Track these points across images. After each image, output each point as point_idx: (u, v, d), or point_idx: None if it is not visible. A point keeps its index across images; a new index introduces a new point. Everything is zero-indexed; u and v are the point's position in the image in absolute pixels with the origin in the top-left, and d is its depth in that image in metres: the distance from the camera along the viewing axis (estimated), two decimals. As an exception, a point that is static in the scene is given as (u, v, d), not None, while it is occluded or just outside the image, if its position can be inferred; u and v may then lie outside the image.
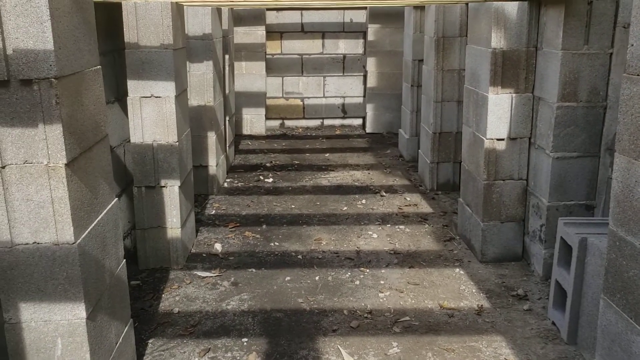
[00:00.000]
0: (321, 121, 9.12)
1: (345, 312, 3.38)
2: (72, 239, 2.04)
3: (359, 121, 9.10)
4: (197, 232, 4.57)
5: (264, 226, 4.77)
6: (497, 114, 3.84)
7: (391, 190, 5.74)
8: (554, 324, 3.20)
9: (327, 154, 7.26)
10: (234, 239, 4.48)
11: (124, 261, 2.59)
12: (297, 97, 8.99)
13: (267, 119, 8.73)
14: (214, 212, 5.11)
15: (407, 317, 3.31)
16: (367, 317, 3.32)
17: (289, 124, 9.08)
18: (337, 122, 9.13)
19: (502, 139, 3.88)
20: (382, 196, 5.54)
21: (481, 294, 3.58)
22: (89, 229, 2.18)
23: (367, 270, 3.94)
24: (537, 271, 3.79)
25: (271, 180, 6.11)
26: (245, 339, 3.09)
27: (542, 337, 3.10)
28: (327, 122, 9.12)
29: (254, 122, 8.44)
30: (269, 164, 6.76)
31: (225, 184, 5.96)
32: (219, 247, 4.32)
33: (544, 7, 3.64)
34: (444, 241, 4.45)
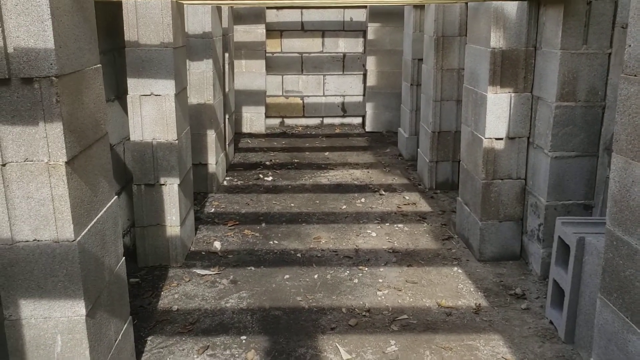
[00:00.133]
0: (321, 120, 9.13)
1: (343, 310, 3.40)
2: (72, 236, 2.05)
3: (359, 120, 9.12)
4: (196, 230, 4.58)
5: (263, 224, 4.78)
6: (496, 113, 3.85)
7: (390, 189, 5.76)
8: (551, 323, 3.21)
9: (326, 153, 7.27)
10: (233, 237, 4.50)
11: (124, 259, 2.60)
12: (297, 95, 9.00)
13: (267, 117, 8.74)
14: (213, 210, 5.12)
15: (405, 316, 3.33)
16: (365, 315, 3.33)
17: (288, 122, 9.09)
18: (336, 120, 9.14)
19: (501, 139, 3.90)
20: (381, 195, 5.55)
21: (479, 293, 3.60)
22: (89, 227, 2.19)
23: (366, 268, 3.95)
24: (535, 270, 3.81)
25: (271, 178, 6.13)
26: (244, 337, 3.11)
27: (540, 336, 3.12)
28: (326, 121, 9.13)
29: (254, 120, 8.44)
30: (268, 163, 6.77)
31: (224, 182, 5.97)
32: (218, 245, 4.33)
33: (543, 6, 3.65)
34: (443, 240, 4.46)
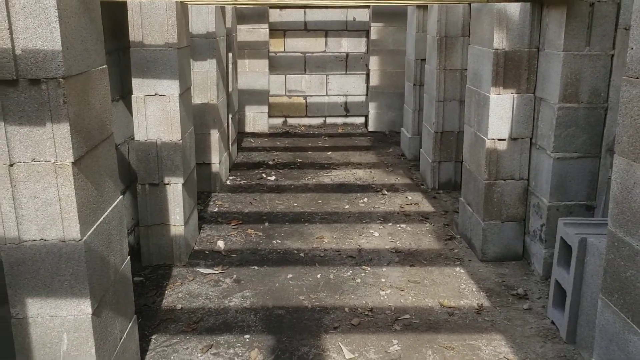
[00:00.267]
0: (324, 119, 9.15)
1: (346, 309, 3.42)
2: (78, 236, 2.07)
3: (362, 119, 9.13)
4: (199, 229, 4.61)
5: (266, 224, 4.80)
6: (499, 114, 3.86)
7: (393, 188, 5.77)
8: (553, 323, 3.23)
9: (329, 152, 7.29)
10: (236, 237, 4.52)
11: (129, 258, 2.62)
12: (299, 95, 9.01)
13: (270, 116, 8.76)
14: (216, 209, 5.14)
15: (408, 315, 3.34)
16: (368, 315, 3.35)
17: (291, 121, 9.11)
18: (339, 120, 9.15)
19: (504, 139, 3.91)
20: (383, 195, 5.57)
21: (481, 293, 3.61)
22: (95, 226, 2.21)
23: (369, 268, 3.97)
24: (537, 270, 3.82)
25: (274, 178, 6.14)
26: (247, 336, 3.13)
27: (542, 336, 3.13)
28: (329, 120, 9.15)
29: (257, 119, 8.46)
30: (271, 162, 6.79)
31: (228, 182, 5.99)
32: (221, 244, 4.35)
33: (546, 8, 3.66)
34: (445, 240, 4.48)
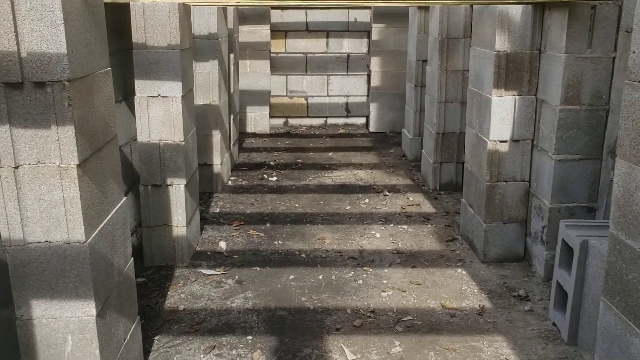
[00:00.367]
0: (325, 120, 9.16)
1: (348, 311, 3.43)
2: (83, 238, 2.08)
3: (363, 120, 9.14)
4: (201, 230, 4.62)
5: (268, 225, 4.81)
6: (500, 115, 3.87)
7: (394, 189, 5.78)
8: (554, 324, 3.23)
9: (330, 153, 7.30)
10: (238, 237, 4.53)
11: (132, 259, 2.63)
12: (301, 95, 9.03)
13: (271, 117, 8.77)
14: (218, 210, 5.16)
15: (410, 317, 3.35)
16: (370, 316, 3.36)
17: (292, 122, 9.12)
18: (340, 121, 9.17)
19: (505, 141, 3.92)
20: (385, 196, 5.58)
21: (483, 294, 3.62)
22: (99, 228, 2.22)
23: (370, 269, 3.98)
24: (539, 272, 3.83)
25: (275, 178, 6.16)
26: (249, 337, 3.14)
27: (543, 337, 3.14)
28: (330, 121, 9.16)
29: (258, 120, 8.48)
30: (272, 163, 6.81)
31: (229, 182, 6.00)
32: (223, 245, 4.36)
33: (547, 10, 3.67)
34: (447, 241, 4.49)
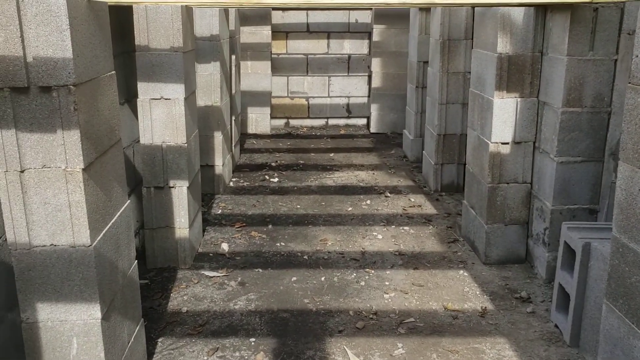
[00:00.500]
0: (326, 121, 9.17)
1: (351, 312, 3.44)
2: (88, 241, 2.09)
3: (364, 121, 9.15)
4: (203, 231, 4.62)
5: (269, 226, 4.82)
6: (502, 118, 3.88)
7: (395, 190, 5.79)
8: (556, 326, 3.24)
9: (331, 154, 7.31)
10: (240, 239, 4.54)
11: (136, 262, 2.64)
12: (302, 96, 9.03)
13: (272, 118, 8.78)
14: (220, 211, 5.16)
15: (412, 319, 3.36)
16: (372, 318, 3.37)
17: (293, 123, 9.13)
18: (341, 121, 9.17)
19: (507, 143, 3.93)
20: (386, 197, 5.59)
21: (485, 296, 3.63)
22: (104, 232, 2.23)
23: (372, 271, 3.99)
24: (540, 274, 3.84)
25: (276, 180, 6.16)
26: (253, 339, 3.15)
27: (545, 339, 3.15)
28: (331, 122, 9.17)
29: (259, 121, 8.49)
30: (274, 164, 6.81)
31: (231, 184, 6.01)
32: (225, 246, 4.37)
33: (549, 13, 3.68)
34: (448, 243, 4.49)
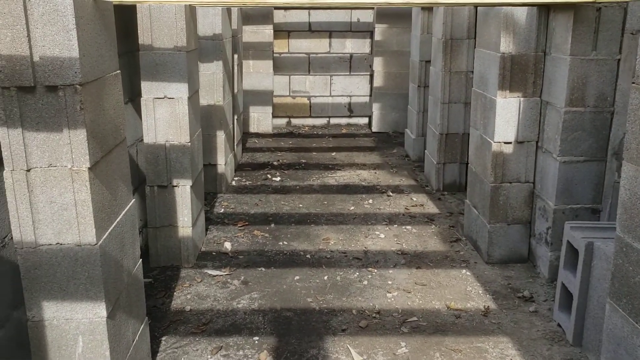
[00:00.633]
0: (327, 120, 9.18)
1: (354, 311, 3.44)
2: (94, 240, 2.10)
3: (365, 120, 9.16)
4: (206, 230, 4.63)
5: (272, 225, 4.83)
6: (505, 117, 3.89)
7: (398, 190, 5.80)
8: (559, 325, 3.25)
9: (333, 153, 7.31)
10: (243, 238, 4.55)
11: (140, 261, 2.65)
12: (303, 95, 9.04)
13: (274, 117, 8.78)
14: (222, 210, 5.17)
15: (415, 318, 3.37)
16: (375, 317, 3.38)
17: (295, 122, 9.13)
18: (343, 121, 9.18)
19: (510, 142, 3.93)
20: (388, 196, 5.59)
21: (487, 295, 3.64)
22: (109, 230, 2.24)
23: (375, 270, 4.00)
24: (543, 273, 3.85)
25: (279, 179, 6.17)
26: (256, 338, 3.16)
27: (548, 338, 3.16)
28: (333, 121, 9.17)
29: (261, 120, 8.49)
30: (276, 163, 6.82)
31: (233, 183, 6.02)
32: (228, 245, 4.38)
33: (553, 12, 3.68)
34: (451, 242, 4.50)
